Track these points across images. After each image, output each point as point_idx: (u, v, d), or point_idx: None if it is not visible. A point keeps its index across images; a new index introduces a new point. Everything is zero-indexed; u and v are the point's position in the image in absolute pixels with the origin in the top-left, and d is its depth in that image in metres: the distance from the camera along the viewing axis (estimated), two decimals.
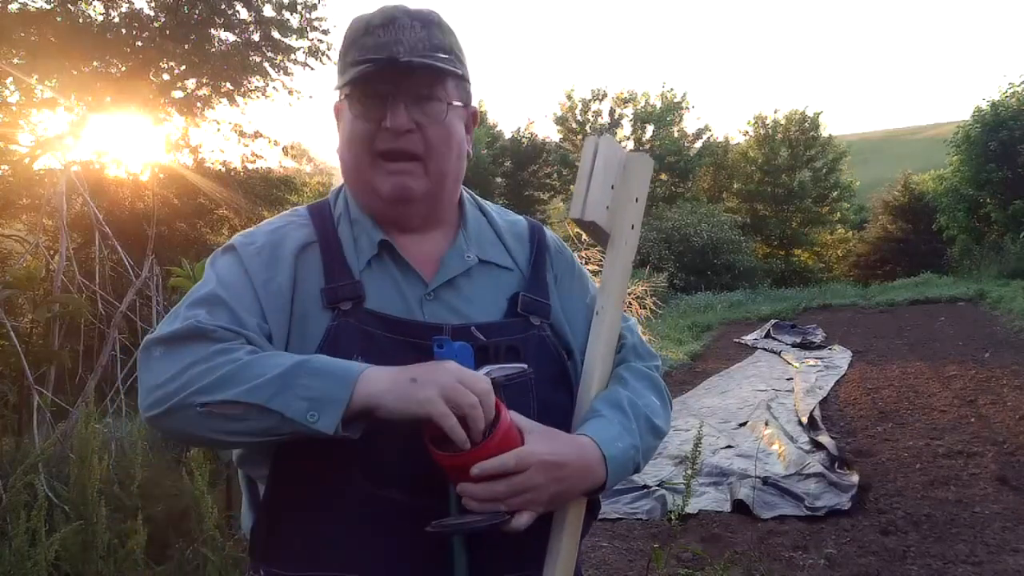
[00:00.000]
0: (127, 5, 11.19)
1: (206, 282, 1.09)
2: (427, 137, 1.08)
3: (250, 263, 1.09)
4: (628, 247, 1.20)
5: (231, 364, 0.95)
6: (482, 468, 0.95)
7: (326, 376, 0.95)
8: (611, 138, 1.22)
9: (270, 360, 0.97)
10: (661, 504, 4.58)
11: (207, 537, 2.66)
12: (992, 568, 3.55)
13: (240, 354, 0.97)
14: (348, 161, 1.13)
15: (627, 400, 1.14)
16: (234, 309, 1.04)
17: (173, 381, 0.96)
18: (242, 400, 0.93)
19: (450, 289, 1.13)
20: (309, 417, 0.93)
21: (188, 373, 0.96)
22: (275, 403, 0.93)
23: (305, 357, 0.97)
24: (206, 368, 0.95)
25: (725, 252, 22.35)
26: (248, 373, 0.95)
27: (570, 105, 31.93)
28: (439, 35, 1.08)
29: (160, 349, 1.00)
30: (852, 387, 7.98)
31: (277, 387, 0.93)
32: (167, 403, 0.96)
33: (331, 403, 0.93)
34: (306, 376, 0.94)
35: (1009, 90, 22.09)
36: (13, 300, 3.92)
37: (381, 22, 1.07)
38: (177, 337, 1.00)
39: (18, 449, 3.23)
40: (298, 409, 0.93)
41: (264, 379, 0.94)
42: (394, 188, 1.09)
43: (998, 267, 18.96)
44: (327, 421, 0.93)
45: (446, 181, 1.14)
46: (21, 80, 9.89)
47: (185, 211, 14.28)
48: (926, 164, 35.15)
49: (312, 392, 0.93)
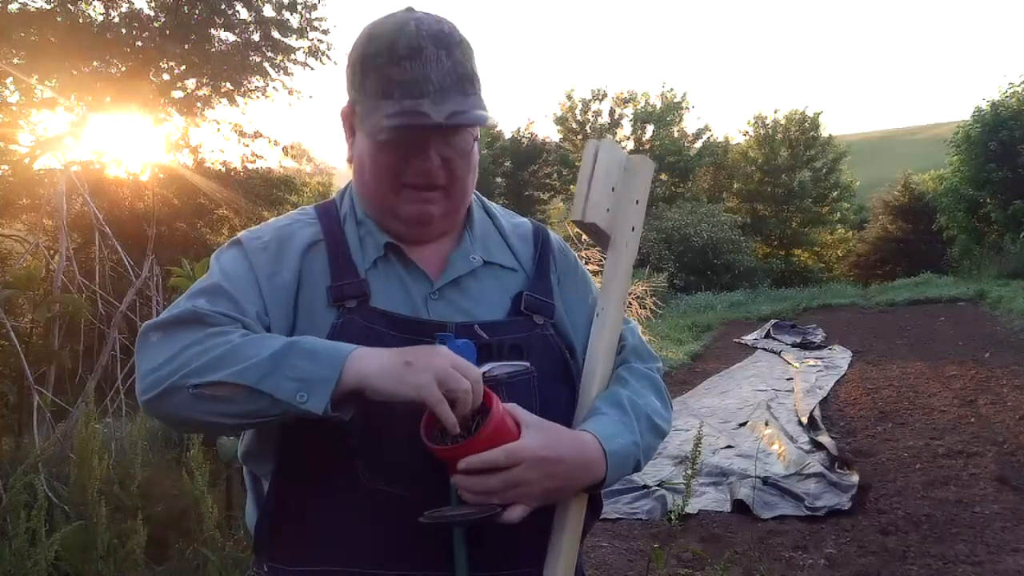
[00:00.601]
0: (127, 5, 11.19)
1: (210, 275, 1.10)
2: (452, 169, 1.09)
3: (255, 257, 1.10)
4: (629, 249, 1.21)
5: (224, 346, 0.96)
6: (468, 463, 0.96)
7: (316, 356, 0.95)
8: (612, 141, 1.25)
9: (263, 341, 0.97)
10: (661, 504, 4.58)
11: (207, 537, 2.67)
12: (992, 568, 3.55)
13: (234, 336, 0.98)
14: (370, 185, 1.12)
15: (628, 399, 1.15)
16: (235, 298, 1.04)
17: (167, 364, 0.96)
18: (231, 381, 0.93)
19: (455, 289, 1.14)
20: (298, 398, 0.93)
21: (182, 356, 0.96)
22: (265, 384, 0.93)
23: (297, 338, 0.98)
24: (200, 350, 0.96)
25: (725, 252, 22.36)
26: (240, 354, 0.95)
27: (570, 105, 31.95)
28: (462, 59, 1.05)
29: (157, 334, 1.01)
30: (852, 387, 7.98)
31: (267, 368, 0.93)
32: (161, 386, 0.96)
33: (320, 383, 0.93)
34: (296, 356, 0.95)
35: (1009, 90, 22.10)
36: (13, 300, 3.92)
37: (407, 53, 1.02)
38: (173, 322, 1.01)
39: (18, 449, 3.24)
40: (287, 390, 0.93)
41: (254, 360, 0.94)
42: (417, 214, 1.11)
43: (998, 267, 18.95)
44: (316, 401, 0.93)
45: (465, 202, 1.17)
46: (21, 80, 9.89)
47: (185, 211, 14.28)
48: (926, 164, 35.17)
49: (301, 372, 0.93)
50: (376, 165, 1.09)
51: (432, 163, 1.07)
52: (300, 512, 1.07)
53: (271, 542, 1.10)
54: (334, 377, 0.93)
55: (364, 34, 1.08)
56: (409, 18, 1.05)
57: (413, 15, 1.06)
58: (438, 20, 1.07)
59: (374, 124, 1.03)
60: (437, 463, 1.00)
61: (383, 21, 1.07)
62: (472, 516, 0.98)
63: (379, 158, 1.08)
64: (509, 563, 1.10)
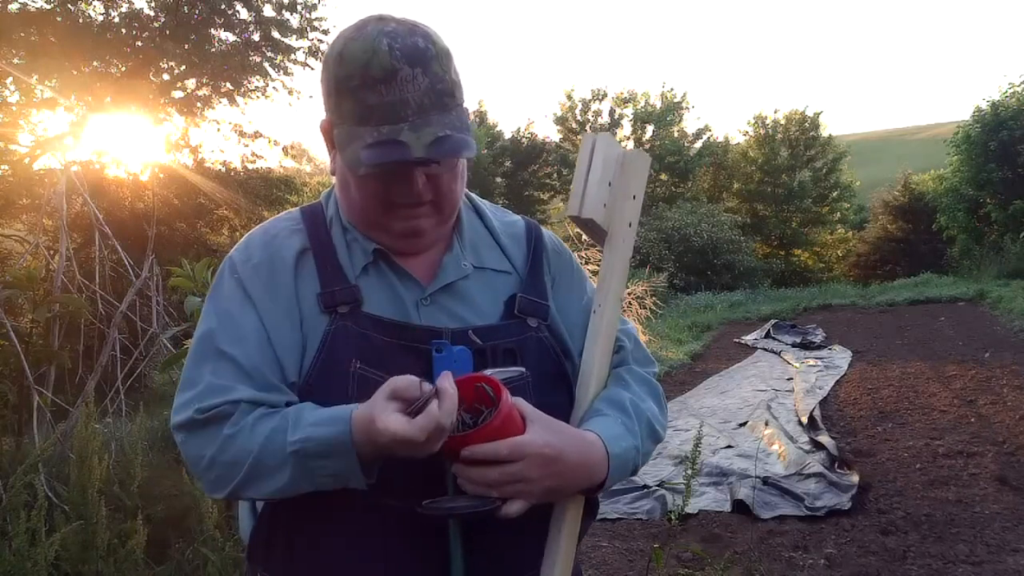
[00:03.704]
0: (127, 5, 11.19)
1: (207, 316, 1.10)
2: (439, 185, 1.07)
3: (251, 284, 1.09)
4: (626, 244, 1.19)
5: (246, 457, 1.00)
6: (472, 452, 0.96)
7: (330, 456, 0.97)
8: (608, 135, 1.22)
9: (274, 446, 0.99)
10: (661, 504, 4.58)
11: (207, 537, 2.67)
12: (992, 568, 3.55)
13: (246, 438, 1.00)
14: (357, 205, 1.10)
15: (630, 402, 1.14)
16: (236, 359, 1.04)
17: (209, 472, 1.03)
18: (280, 496, 1.01)
19: (446, 293, 1.12)
20: (341, 482, 0.99)
21: (216, 468, 1.02)
22: (307, 488, 1.00)
23: (297, 444, 0.98)
24: (227, 462, 1.01)
25: (725, 252, 22.32)
26: (264, 469, 0.99)
27: (570, 105, 31.92)
28: (439, 71, 1.00)
29: (181, 435, 1.05)
30: (852, 387, 7.97)
31: (299, 480, 0.99)
32: (220, 493, 1.04)
33: (350, 475, 0.98)
34: (313, 461, 0.98)
35: (1009, 90, 22.08)
36: (13, 300, 3.92)
37: (382, 76, 0.97)
38: (188, 426, 1.04)
39: (18, 449, 3.23)
40: (328, 484, 0.99)
41: (285, 477, 0.99)
42: (406, 229, 1.10)
43: (998, 267, 18.93)
44: (357, 483, 0.99)
45: (454, 212, 1.15)
46: (21, 80, 9.87)
47: (185, 211, 14.28)
48: (926, 164, 35.12)
49: (330, 471, 0.98)
50: (362, 190, 1.07)
51: (417, 185, 1.04)
52: (296, 523, 1.07)
53: (266, 552, 1.10)
54: (356, 467, 0.97)
55: (335, 52, 1.02)
56: (380, 34, 0.99)
57: (385, 29, 0.99)
58: (411, 31, 1.00)
59: (353, 155, 1.00)
60: (434, 473, 1.00)
61: (353, 36, 1.01)
62: (471, 508, 0.98)
63: (363, 184, 1.06)
64: (506, 573, 1.09)
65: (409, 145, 0.98)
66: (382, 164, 0.99)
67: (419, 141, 0.98)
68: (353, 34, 1.01)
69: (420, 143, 0.98)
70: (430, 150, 0.99)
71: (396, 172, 1.03)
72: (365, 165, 0.99)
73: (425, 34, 1.01)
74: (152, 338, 3.91)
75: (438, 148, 0.99)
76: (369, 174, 1.02)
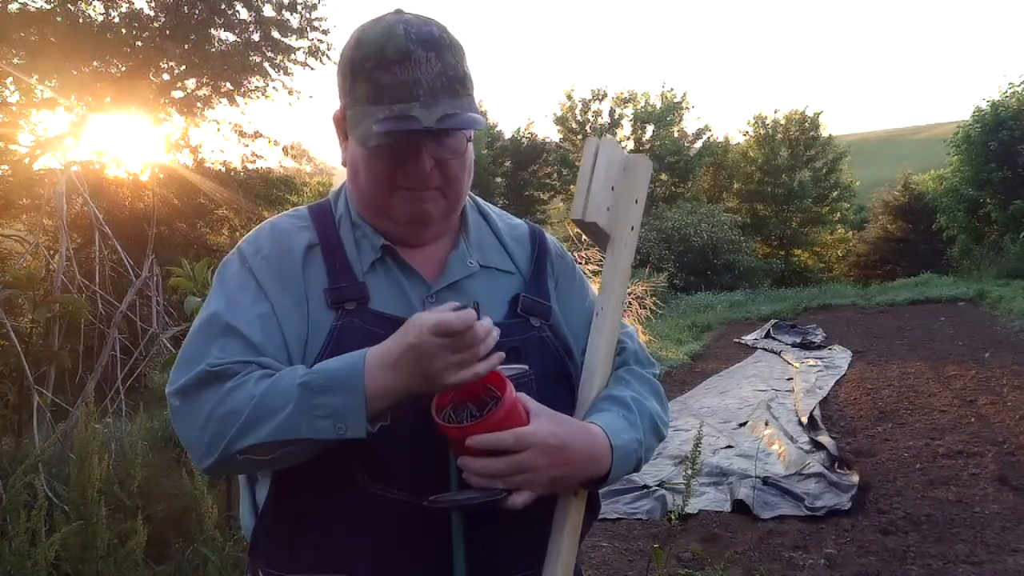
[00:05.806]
0: (127, 5, 11.17)
1: (214, 299, 1.09)
2: (447, 170, 1.09)
3: (261, 273, 1.09)
4: (628, 248, 1.21)
5: (247, 402, 0.97)
6: (478, 441, 0.96)
7: (335, 388, 0.96)
8: (612, 140, 1.24)
9: (280, 384, 0.98)
10: (661, 504, 4.58)
11: (207, 537, 2.67)
12: (992, 568, 3.55)
13: (251, 387, 0.98)
14: (365, 189, 1.11)
15: (632, 399, 1.16)
16: (245, 334, 1.04)
17: (203, 433, 0.99)
18: (271, 441, 0.96)
19: (452, 291, 1.13)
20: (338, 431, 0.96)
21: (212, 423, 0.98)
22: (302, 432, 0.96)
23: (306, 376, 0.98)
24: (225, 412, 0.98)
25: (725, 252, 22.33)
26: (266, 409, 0.96)
27: (570, 105, 31.91)
28: (451, 60, 1.04)
29: (177, 400, 1.02)
30: (852, 387, 7.98)
31: (297, 418, 0.96)
32: (211, 457, 0.99)
33: (350, 412, 0.96)
34: (317, 394, 0.96)
35: (1009, 90, 22.11)
36: (13, 300, 3.92)
37: (396, 57, 1.01)
38: (190, 386, 1.01)
39: (18, 449, 3.24)
40: (325, 429, 0.96)
41: (283, 414, 0.96)
42: (413, 213, 1.10)
43: (998, 267, 18.95)
44: (356, 429, 0.96)
45: (461, 202, 1.16)
46: (21, 80, 9.88)
47: (185, 211, 14.28)
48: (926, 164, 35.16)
49: (329, 409, 0.96)
50: (369, 170, 1.08)
51: (425, 166, 1.06)
52: (299, 518, 1.07)
53: (268, 549, 1.10)
54: (361, 404, 0.96)
55: (353, 39, 1.07)
56: (398, 21, 1.04)
57: (401, 18, 1.04)
58: (426, 22, 1.05)
59: (365, 130, 1.03)
60: (438, 466, 1.00)
61: (371, 25, 1.06)
62: (477, 500, 0.98)
63: (372, 163, 1.08)
64: (509, 568, 1.10)
65: (419, 119, 1.01)
66: (392, 133, 1.01)
67: (430, 116, 1.01)
68: (371, 24, 1.07)
69: (431, 118, 1.01)
70: (440, 124, 1.01)
71: (406, 149, 1.05)
72: (376, 135, 1.01)
73: (440, 26, 1.07)
74: (152, 338, 3.91)
75: (447, 122, 1.02)
76: (379, 148, 1.04)
